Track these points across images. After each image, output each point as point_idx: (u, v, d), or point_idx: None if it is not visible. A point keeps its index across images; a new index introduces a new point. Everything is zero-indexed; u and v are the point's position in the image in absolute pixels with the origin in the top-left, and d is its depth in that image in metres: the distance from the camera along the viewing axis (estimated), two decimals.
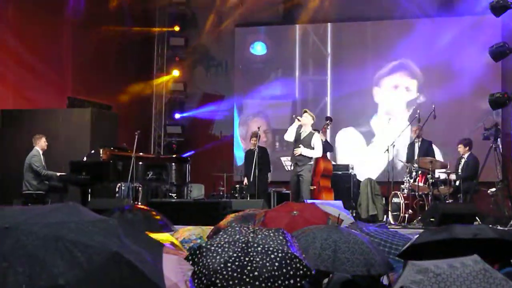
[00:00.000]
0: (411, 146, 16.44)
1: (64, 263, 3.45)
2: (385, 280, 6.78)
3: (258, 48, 21.17)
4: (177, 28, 21.68)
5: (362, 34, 20.43)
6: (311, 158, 14.46)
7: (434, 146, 16.58)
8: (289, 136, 14.59)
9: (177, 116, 21.83)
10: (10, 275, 3.38)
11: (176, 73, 21.76)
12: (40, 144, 14.96)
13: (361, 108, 20.10)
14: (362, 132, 20.16)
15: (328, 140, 16.31)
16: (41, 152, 14.89)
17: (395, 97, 20.07)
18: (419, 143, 15.90)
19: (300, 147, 14.27)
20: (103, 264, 3.53)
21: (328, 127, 16.24)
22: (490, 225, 13.17)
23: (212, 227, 8.97)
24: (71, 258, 3.47)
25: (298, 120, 14.51)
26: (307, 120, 14.49)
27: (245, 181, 16.97)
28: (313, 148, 14.33)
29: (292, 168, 14.61)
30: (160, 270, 3.88)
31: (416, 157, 15.64)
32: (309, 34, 20.82)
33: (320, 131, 15.77)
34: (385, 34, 20.08)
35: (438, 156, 16.97)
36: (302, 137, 14.40)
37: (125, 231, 3.85)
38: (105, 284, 3.52)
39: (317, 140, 14.39)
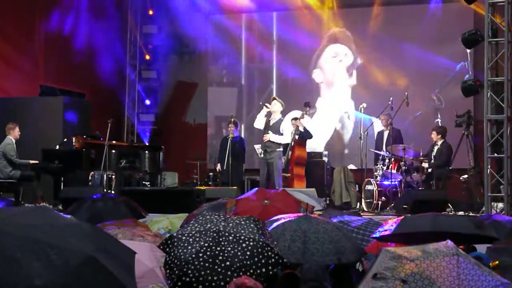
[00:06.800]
0: (379, 134, 16.55)
1: (40, 265, 3.46)
2: (360, 268, 6.81)
3: None
4: (151, 12, 21.53)
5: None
6: (280, 144, 14.55)
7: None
8: (258, 123, 14.72)
9: (147, 102, 21.69)
10: None
11: (149, 60, 21.66)
12: (14, 134, 14.85)
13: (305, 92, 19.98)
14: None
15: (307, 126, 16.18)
16: (14, 141, 14.79)
17: (335, 67, 20.07)
18: (389, 131, 15.98)
19: (269, 133, 14.38)
20: (78, 268, 3.54)
21: (307, 113, 16.13)
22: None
23: (182, 215, 8.99)
24: (47, 260, 3.48)
25: (266, 107, 14.60)
26: (275, 107, 14.67)
27: (218, 167, 16.93)
28: (281, 134, 14.44)
29: (262, 155, 14.70)
30: (133, 276, 3.88)
31: (384, 146, 15.80)
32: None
33: (298, 119, 15.72)
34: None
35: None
36: (271, 124, 14.57)
37: (98, 236, 3.86)
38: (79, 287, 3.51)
39: (285, 126, 14.55)
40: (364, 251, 6.39)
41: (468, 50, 17.55)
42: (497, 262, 5.72)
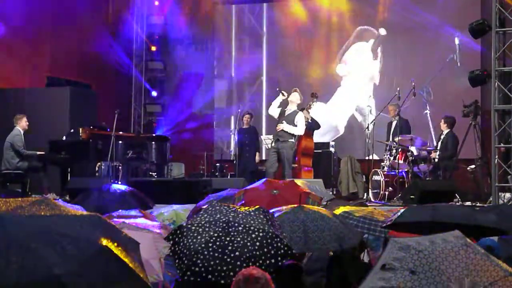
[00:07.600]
0: (389, 125, 16.48)
1: (56, 255, 3.44)
2: (366, 258, 6.83)
3: None
4: (156, 3, 21.52)
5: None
6: (293, 135, 14.38)
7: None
8: (273, 110, 14.56)
9: (154, 93, 21.68)
10: (3, 264, 3.35)
11: (155, 51, 21.64)
12: (21, 124, 14.87)
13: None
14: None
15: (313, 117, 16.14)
16: (22, 132, 14.81)
17: (359, 63, 19.96)
18: (396, 121, 15.91)
19: (283, 123, 14.23)
20: (94, 257, 3.55)
21: (314, 104, 16.07)
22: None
23: (189, 206, 8.99)
24: (62, 250, 3.47)
25: (283, 94, 14.45)
26: (294, 98, 14.42)
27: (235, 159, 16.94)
28: (295, 126, 14.27)
29: (273, 144, 14.57)
30: (142, 265, 3.89)
31: (391, 136, 15.74)
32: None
33: (305, 109, 15.67)
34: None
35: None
36: (286, 114, 14.34)
37: (106, 226, 3.86)
38: (95, 277, 3.53)
39: (300, 119, 14.34)
40: (361, 234, 6.45)
41: (457, 42, 17.63)
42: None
